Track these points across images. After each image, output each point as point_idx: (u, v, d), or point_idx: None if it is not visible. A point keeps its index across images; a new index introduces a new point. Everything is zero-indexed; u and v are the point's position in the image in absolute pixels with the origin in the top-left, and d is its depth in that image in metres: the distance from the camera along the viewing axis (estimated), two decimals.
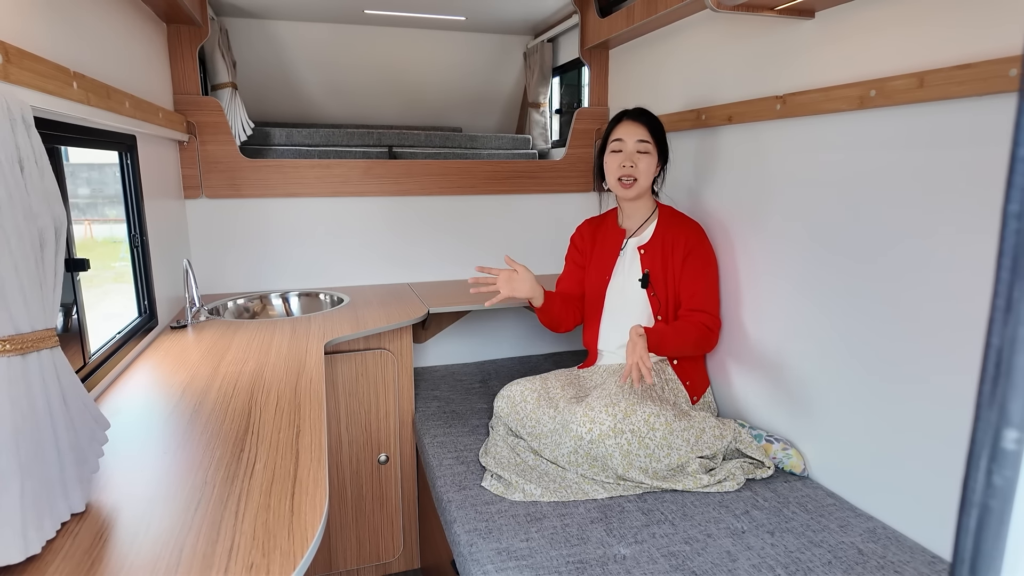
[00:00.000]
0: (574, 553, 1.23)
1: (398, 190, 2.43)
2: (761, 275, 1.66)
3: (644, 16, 2.00)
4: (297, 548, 0.80)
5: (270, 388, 1.36)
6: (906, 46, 1.24)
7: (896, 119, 1.27)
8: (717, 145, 1.83)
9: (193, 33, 2.12)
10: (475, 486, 1.51)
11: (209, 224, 2.27)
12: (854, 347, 1.39)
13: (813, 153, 1.48)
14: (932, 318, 1.21)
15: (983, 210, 1.11)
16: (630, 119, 1.73)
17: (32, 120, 0.87)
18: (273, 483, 0.96)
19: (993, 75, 1.06)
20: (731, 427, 1.57)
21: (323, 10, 2.76)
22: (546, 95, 3.25)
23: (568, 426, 1.51)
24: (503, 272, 1.69)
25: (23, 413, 0.77)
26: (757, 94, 1.65)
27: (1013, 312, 0.28)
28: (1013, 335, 0.28)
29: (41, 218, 0.83)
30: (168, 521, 0.86)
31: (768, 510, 1.38)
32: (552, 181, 2.60)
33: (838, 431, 1.44)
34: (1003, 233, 0.28)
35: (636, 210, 1.80)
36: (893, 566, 1.19)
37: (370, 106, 3.29)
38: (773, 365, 1.64)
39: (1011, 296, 0.28)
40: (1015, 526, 0.29)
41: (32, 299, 0.79)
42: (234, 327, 1.86)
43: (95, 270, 1.47)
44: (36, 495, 0.78)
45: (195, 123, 2.17)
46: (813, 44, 1.47)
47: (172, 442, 1.10)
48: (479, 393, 2.14)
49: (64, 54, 1.23)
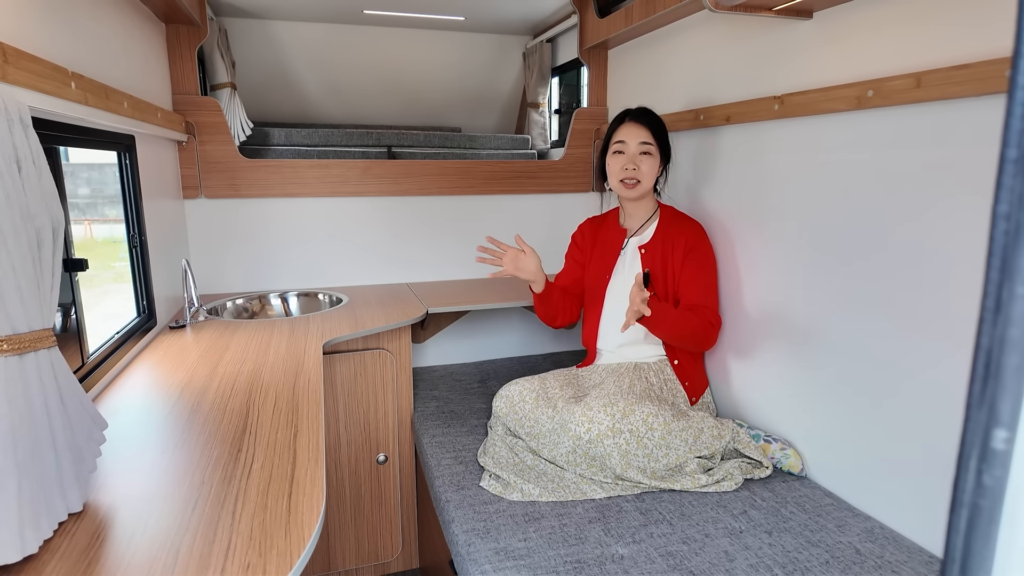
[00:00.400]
0: (572, 553, 1.23)
1: (397, 190, 2.44)
2: (760, 275, 1.66)
3: (643, 16, 2.00)
4: (294, 548, 0.80)
5: (268, 388, 1.36)
6: (904, 46, 1.24)
7: (894, 119, 1.27)
8: (716, 145, 1.83)
9: (192, 33, 2.12)
10: (473, 486, 1.51)
11: (208, 224, 2.27)
12: (852, 346, 1.39)
13: (811, 153, 1.48)
14: (929, 318, 1.21)
15: (980, 210, 1.11)
16: (633, 120, 1.73)
17: (30, 120, 0.87)
18: (270, 483, 0.96)
19: (990, 75, 1.06)
20: (729, 427, 1.57)
21: (322, 10, 2.76)
22: (545, 95, 3.26)
23: (566, 426, 1.51)
24: (511, 250, 1.70)
25: (20, 413, 0.77)
26: (755, 94, 1.65)
27: (1002, 313, 0.28)
28: (1002, 336, 0.28)
29: (39, 218, 0.83)
30: (165, 521, 0.86)
31: (766, 510, 1.38)
32: (551, 181, 2.60)
33: (836, 431, 1.45)
34: (992, 234, 0.28)
35: (638, 210, 1.80)
36: (891, 566, 1.19)
37: (369, 106, 3.29)
38: (772, 364, 1.64)
39: (1000, 297, 0.28)
40: (1005, 525, 0.29)
41: (29, 299, 0.79)
42: (233, 327, 1.87)
43: (95, 270, 1.48)
44: (33, 495, 0.78)
45: (194, 123, 2.17)
46: (811, 44, 1.47)
47: (170, 442, 1.11)
48: (478, 393, 2.14)
49: (62, 54, 1.23)
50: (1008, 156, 0.27)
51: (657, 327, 1.62)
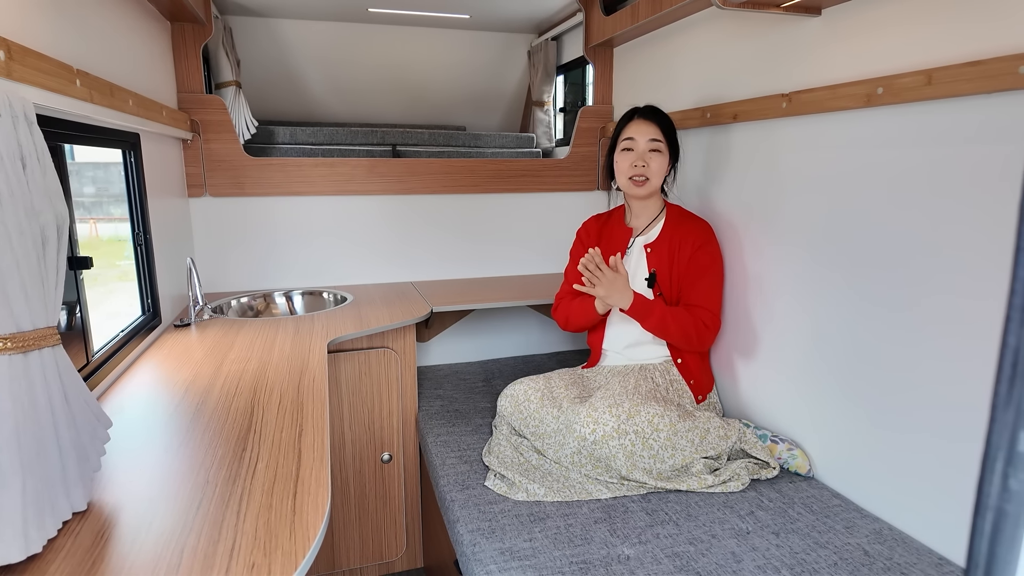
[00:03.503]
0: (578, 553, 1.23)
1: (402, 189, 2.43)
2: (769, 273, 1.65)
3: (649, 14, 1.98)
4: (299, 548, 0.80)
5: (273, 387, 1.36)
6: (914, 43, 1.23)
7: (904, 117, 1.25)
8: (723, 143, 1.82)
9: (197, 31, 2.12)
10: (478, 485, 1.51)
11: (213, 222, 2.27)
12: (860, 346, 1.38)
13: (820, 151, 1.47)
14: (939, 317, 1.20)
15: (992, 209, 1.10)
16: (641, 118, 1.72)
17: (34, 117, 0.86)
18: (275, 482, 0.95)
19: (1002, 72, 1.05)
20: (736, 427, 1.56)
21: (327, 9, 2.75)
22: (550, 93, 3.25)
23: (572, 426, 1.50)
24: (609, 272, 1.61)
25: (24, 411, 0.77)
26: (763, 92, 1.64)
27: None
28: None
29: (43, 215, 0.82)
30: (170, 520, 0.86)
31: (773, 511, 1.37)
32: (556, 180, 2.59)
33: (844, 432, 1.43)
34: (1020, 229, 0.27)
35: (644, 209, 1.79)
36: (900, 568, 1.18)
37: (374, 105, 3.29)
38: (779, 364, 1.63)
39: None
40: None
41: (34, 297, 0.79)
42: (237, 325, 1.86)
43: (100, 269, 1.47)
44: (37, 493, 0.77)
45: (199, 121, 2.17)
46: (819, 41, 1.46)
47: (174, 441, 1.10)
48: (482, 392, 2.13)
49: (67, 52, 1.23)
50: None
51: (644, 319, 1.61)
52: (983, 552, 0.30)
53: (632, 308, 1.61)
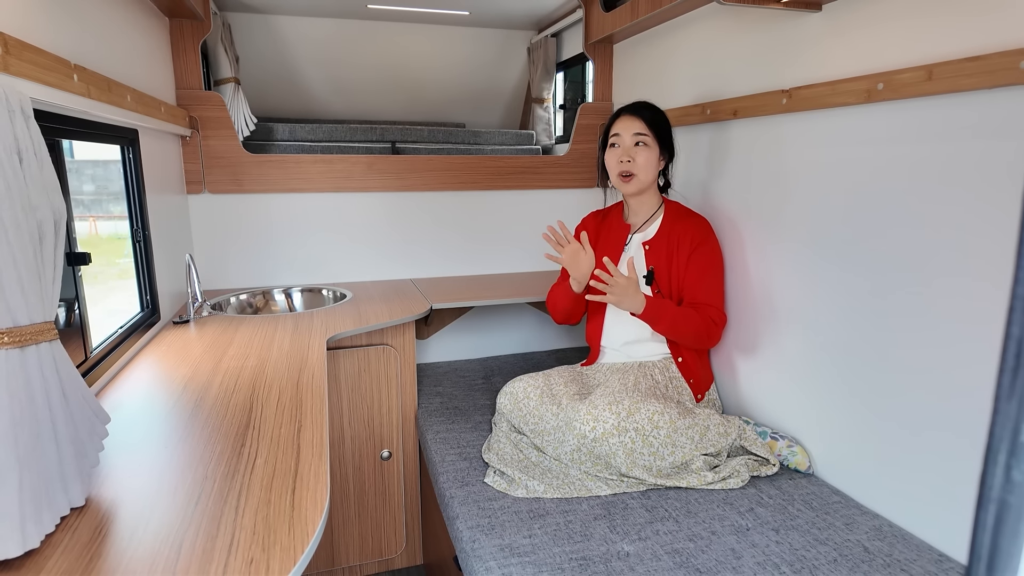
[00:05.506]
0: (577, 550, 1.22)
1: (401, 186, 2.43)
2: (769, 270, 1.65)
3: (649, 10, 1.98)
4: (297, 543, 0.79)
5: (272, 383, 1.35)
6: (914, 38, 1.23)
7: (904, 112, 1.25)
8: (723, 139, 1.82)
9: (196, 28, 2.12)
10: (478, 482, 1.50)
11: (211, 219, 2.27)
12: (859, 343, 1.37)
13: (820, 147, 1.46)
14: (939, 313, 1.20)
15: (993, 203, 1.10)
16: (627, 113, 1.72)
17: (31, 112, 0.86)
18: (274, 478, 0.95)
19: (1003, 67, 1.04)
20: (735, 424, 1.56)
21: (326, 5, 2.75)
22: (550, 90, 3.24)
23: (571, 424, 1.50)
24: (575, 244, 1.68)
25: (22, 406, 0.76)
26: (763, 88, 1.63)
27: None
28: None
29: (40, 210, 0.82)
30: (168, 516, 0.85)
31: (773, 507, 1.37)
32: (556, 177, 2.59)
33: (844, 428, 1.43)
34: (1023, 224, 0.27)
35: (641, 205, 1.79)
36: (899, 564, 1.18)
37: (373, 102, 3.28)
38: (779, 362, 1.62)
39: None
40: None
41: (31, 291, 0.78)
42: (236, 322, 1.86)
43: (99, 266, 1.47)
44: (35, 489, 0.77)
45: (197, 118, 2.17)
46: (820, 37, 1.45)
47: (173, 437, 1.10)
48: (482, 389, 2.13)
49: (65, 47, 1.22)
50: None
51: (656, 323, 1.61)
52: (986, 544, 0.29)
53: (645, 312, 1.61)
